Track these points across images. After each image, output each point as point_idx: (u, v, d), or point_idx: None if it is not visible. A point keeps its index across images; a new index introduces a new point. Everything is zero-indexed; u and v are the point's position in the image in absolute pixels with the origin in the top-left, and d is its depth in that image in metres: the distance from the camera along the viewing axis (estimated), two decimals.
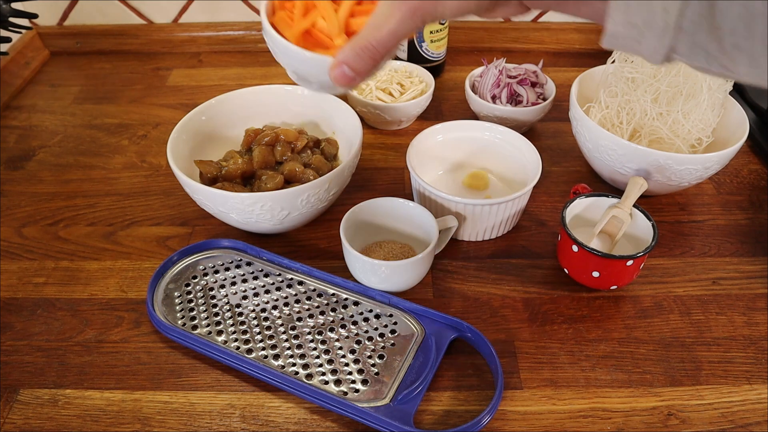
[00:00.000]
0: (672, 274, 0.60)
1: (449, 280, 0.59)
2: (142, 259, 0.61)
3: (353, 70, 0.35)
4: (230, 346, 0.51)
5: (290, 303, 0.54)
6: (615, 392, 0.49)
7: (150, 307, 0.54)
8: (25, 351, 0.53)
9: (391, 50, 0.35)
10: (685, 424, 0.47)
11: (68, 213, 0.67)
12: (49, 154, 0.76)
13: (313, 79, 0.40)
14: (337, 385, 0.48)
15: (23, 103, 0.86)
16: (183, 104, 0.85)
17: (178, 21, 0.97)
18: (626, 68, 0.66)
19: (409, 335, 0.52)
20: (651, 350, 0.53)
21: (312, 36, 0.39)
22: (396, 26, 0.33)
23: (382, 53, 0.34)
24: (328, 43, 0.38)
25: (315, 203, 0.57)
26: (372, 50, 0.34)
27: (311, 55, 0.37)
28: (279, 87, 0.70)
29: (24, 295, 0.58)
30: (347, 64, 0.35)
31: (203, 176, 0.61)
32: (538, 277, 0.59)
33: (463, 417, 0.48)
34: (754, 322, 0.55)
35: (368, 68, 0.35)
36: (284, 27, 0.40)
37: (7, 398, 0.49)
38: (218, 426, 0.47)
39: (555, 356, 0.52)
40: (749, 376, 0.51)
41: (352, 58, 0.35)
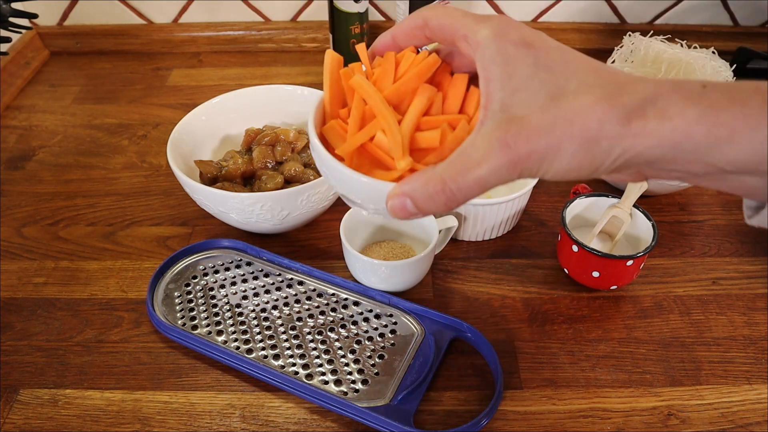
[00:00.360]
0: (672, 274, 0.60)
1: (449, 280, 0.59)
2: (142, 259, 0.61)
3: (418, 208, 0.29)
4: (230, 346, 0.51)
5: (290, 303, 0.54)
6: (615, 392, 0.49)
7: (150, 307, 0.54)
8: (25, 351, 0.53)
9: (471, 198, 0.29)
10: (685, 424, 0.47)
11: (68, 213, 0.67)
12: (49, 154, 0.76)
13: (367, 205, 0.33)
14: (337, 385, 0.48)
15: (23, 103, 0.86)
16: (183, 104, 0.85)
17: (178, 21, 0.97)
18: (626, 68, 0.66)
19: (409, 335, 0.52)
20: (651, 350, 0.53)
21: (368, 151, 0.33)
22: (487, 175, 0.27)
23: (460, 201, 0.28)
24: (388, 162, 0.32)
25: (315, 203, 0.57)
26: (449, 195, 0.28)
27: (368, 181, 0.31)
28: (279, 87, 0.70)
29: (24, 295, 0.58)
30: (413, 199, 0.29)
31: (203, 176, 0.61)
32: (538, 277, 0.59)
33: (463, 417, 0.48)
34: (754, 322, 0.55)
35: (438, 211, 0.29)
36: (336, 139, 0.33)
37: (7, 398, 0.49)
38: (218, 426, 0.47)
39: (555, 356, 0.52)
40: (749, 376, 0.51)
41: (422, 196, 0.29)
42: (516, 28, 0.29)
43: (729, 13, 0.96)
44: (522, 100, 0.27)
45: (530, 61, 0.28)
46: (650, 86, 0.26)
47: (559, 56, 0.28)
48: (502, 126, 0.27)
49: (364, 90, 0.32)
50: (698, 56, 0.64)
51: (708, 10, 0.95)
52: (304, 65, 0.94)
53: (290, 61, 0.95)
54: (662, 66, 0.63)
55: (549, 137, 0.26)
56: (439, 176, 0.28)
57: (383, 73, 0.33)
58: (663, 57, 0.64)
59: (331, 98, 0.34)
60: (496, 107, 0.28)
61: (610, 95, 0.26)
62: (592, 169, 0.27)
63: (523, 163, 0.27)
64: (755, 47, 0.85)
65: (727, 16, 0.96)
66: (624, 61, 0.67)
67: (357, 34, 0.82)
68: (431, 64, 0.33)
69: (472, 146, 0.28)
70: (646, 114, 0.26)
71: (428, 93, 0.32)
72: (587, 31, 0.97)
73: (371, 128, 0.32)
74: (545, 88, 0.27)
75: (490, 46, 0.28)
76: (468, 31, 0.29)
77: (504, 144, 0.27)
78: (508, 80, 0.27)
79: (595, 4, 0.95)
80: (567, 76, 0.27)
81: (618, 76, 0.27)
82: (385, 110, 0.31)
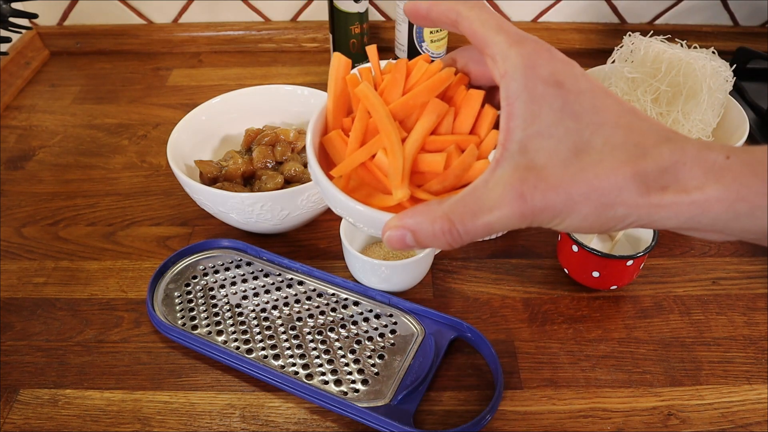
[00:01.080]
0: (672, 274, 0.60)
1: (449, 280, 0.59)
2: (142, 259, 0.61)
3: (419, 243, 0.28)
4: (230, 346, 0.51)
5: (290, 303, 0.54)
6: (615, 392, 0.49)
7: (150, 307, 0.54)
8: (25, 351, 0.53)
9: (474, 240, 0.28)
10: (685, 424, 0.47)
11: (68, 213, 0.67)
12: (49, 154, 0.76)
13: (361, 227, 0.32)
14: (337, 385, 0.48)
15: (23, 103, 0.86)
16: (183, 104, 0.85)
17: (178, 21, 0.97)
18: (626, 68, 0.66)
19: (409, 335, 0.52)
20: (651, 350, 0.53)
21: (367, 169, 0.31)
22: (496, 222, 0.26)
23: (464, 243, 0.27)
24: (386, 185, 0.30)
25: (315, 203, 0.57)
26: (455, 236, 0.27)
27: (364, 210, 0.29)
28: (279, 87, 0.70)
29: (24, 295, 0.58)
30: (415, 234, 0.28)
31: (203, 176, 0.61)
32: (538, 277, 0.59)
33: (463, 417, 0.48)
34: (754, 322, 0.55)
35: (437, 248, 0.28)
36: (335, 153, 0.32)
37: (7, 398, 0.49)
38: (218, 426, 0.47)
39: (555, 356, 0.52)
40: (749, 376, 0.51)
41: (426, 234, 0.27)
42: (548, 60, 0.27)
43: (729, 13, 0.96)
44: (544, 148, 0.26)
45: (558, 104, 0.26)
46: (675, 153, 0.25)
47: (589, 102, 0.27)
48: (519, 173, 0.26)
49: (370, 101, 0.30)
50: (698, 56, 0.63)
51: (708, 10, 0.95)
52: (304, 65, 0.94)
53: (290, 61, 0.95)
54: (662, 66, 0.63)
55: (566, 196, 0.26)
56: (446, 216, 0.27)
57: (392, 83, 0.31)
58: (663, 57, 0.64)
59: (335, 105, 0.32)
60: (515, 147, 0.26)
61: (634, 160, 0.25)
62: (602, 229, 0.27)
63: (536, 216, 0.26)
64: (755, 47, 0.85)
65: (727, 16, 0.96)
66: (624, 61, 0.67)
67: (357, 34, 0.82)
68: (444, 78, 0.31)
69: (485, 188, 0.26)
70: (666, 185, 0.25)
71: (438, 110, 0.30)
72: (587, 31, 0.97)
73: (372, 146, 0.30)
74: (570, 139, 0.26)
75: (518, 79, 0.27)
76: (498, 54, 0.28)
77: (519, 195, 0.26)
78: (532, 121, 0.26)
79: (595, 4, 0.95)
80: (593, 129, 0.26)
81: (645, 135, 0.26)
82: (389, 127, 0.29)
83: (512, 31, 0.28)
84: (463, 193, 0.27)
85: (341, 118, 0.32)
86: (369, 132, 0.31)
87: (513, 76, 0.27)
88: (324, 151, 0.32)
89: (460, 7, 0.30)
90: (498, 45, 0.28)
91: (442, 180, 0.30)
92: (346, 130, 0.32)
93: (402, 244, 0.28)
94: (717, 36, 0.96)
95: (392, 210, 0.30)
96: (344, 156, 0.31)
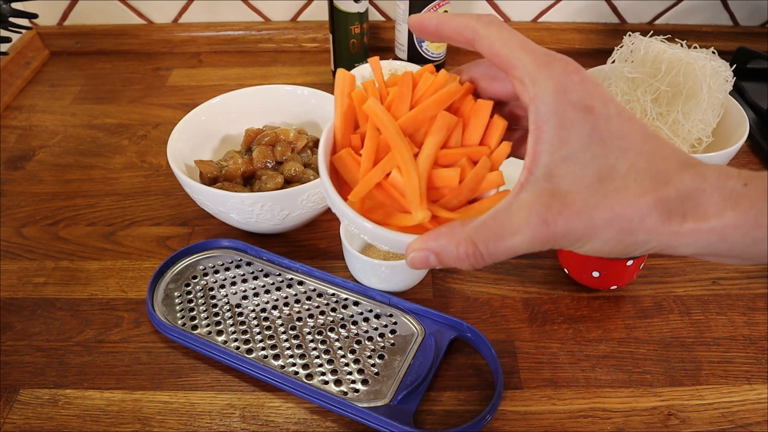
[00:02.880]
0: (672, 274, 0.60)
1: (449, 280, 0.59)
2: (142, 259, 0.61)
3: (442, 264, 0.28)
4: (230, 346, 0.51)
5: (290, 303, 0.54)
6: (615, 392, 0.49)
7: (150, 307, 0.54)
8: (25, 351, 0.53)
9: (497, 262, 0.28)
10: (685, 424, 0.47)
11: (68, 213, 0.67)
12: (49, 154, 0.76)
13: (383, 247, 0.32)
14: (337, 385, 0.48)
15: (23, 103, 0.86)
16: (183, 104, 0.85)
17: (178, 21, 0.97)
18: (626, 68, 0.66)
19: (409, 335, 0.52)
20: (651, 350, 0.53)
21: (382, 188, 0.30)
22: (519, 245, 0.27)
23: (487, 264, 0.28)
24: (402, 203, 0.30)
25: (315, 203, 0.57)
26: (478, 259, 0.27)
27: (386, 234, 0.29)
28: (279, 87, 0.70)
29: (24, 295, 0.58)
30: (438, 255, 0.28)
31: (203, 176, 0.61)
32: (538, 277, 0.59)
33: (463, 417, 0.48)
34: (754, 322, 0.55)
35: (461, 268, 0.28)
36: (347, 171, 0.31)
37: (7, 398, 0.49)
38: (218, 426, 0.47)
39: (555, 356, 0.52)
40: (749, 376, 0.51)
41: (450, 256, 0.28)
42: (579, 84, 0.27)
43: (729, 13, 0.96)
44: (569, 173, 0.26)
45: (587, 130, 0.26)
46: (696, 180, 0.26)
47: (617, 127, 0.27)
48: (544, 199, 0.26)
49: (379, 118, 0.30)
50: (698, 56, 0.63)
51: (708, 10, 0.95)
52: (304, 65, 0.94)
53: (290, 61, 0.95)
54: (662, 66, 0.63)
55: (589, 222, 0.26)
56: (470, 239, 0.27)
57: (399, 97, 0.31)
58: (663, 57, 0.64)
59: (342, 123, 0.32)
60: (540, 172, 0.27)
61: (657, 187, 0.26)
62: (623, 254, 0.27)
63: (558, 240, 0.27)
64: (755, 47, 0.85)
65: (727, 16, 0.96)
66: (624, 61, 0.67)
67: (357, 34, 0.82)
68: (452, 92, 0.31)
69: (509, 212, 0.27)
70: (686, 213, 0.26)
71: (447, 123, 0.30)
72: (587, 31, 0.97)
73: (386, 165, 0.30)
74: (596, 164, 0.26)
75: (548, 103, 0.27)
76: (526, 77, 0.27)
77: (543, 220, 0.26)
78: (560, 146, 0.26)
79: (595, 4, 0.95)
80: (619, 154, 0.26)
81: (668, 161, 0.27)
82: (401, 145, 0.29)
83: (537, 50, 0.28)
84: (486, 216, 0.27)
85: (349, 135, 0.32)
86: (380, 148, 0.31)
87: (543, 100, 0.27)
88: (334, 168, 0.32)
89: (477, 25, 0.29)
90: (525, 67, 0.28)
91: (457, 194, 0.30)
92: (355, 148, 0.32)
93: (425, 265, 0.29)
94: (717, 36, 0.96)
95: (412, 230, 0.30)
96: (356, 174, 0.31)
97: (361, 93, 0.32)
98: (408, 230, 0.30)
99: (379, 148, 0.31)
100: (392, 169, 0.30)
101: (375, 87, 0.32)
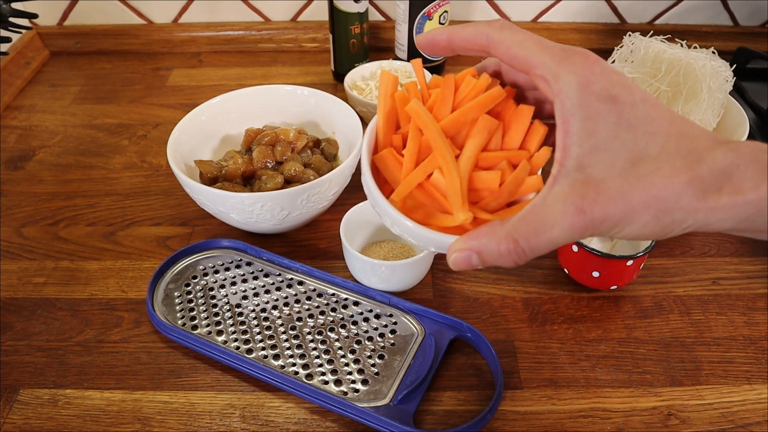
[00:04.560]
0: (672, 274, 0.60)
1: (449, 280, 0.59)
2: (142, 259, 0.61)
3: (484, 263, 0.29)
4: (230, 346, 0.51)
5: (290, 303, 0.54)
6: (615, 392, 0.49)
7: (150, 307, 0.54)
8: (25, 351, 0.53)
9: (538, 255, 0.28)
10: (685, 424, 0.47)
11: (68, 213, 0.67)
12: (49, 154, 0.76)
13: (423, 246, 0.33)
14: (337, 385, 0.48)
15: (23, 103, 0.86)
16: (183, 104, 0.85)
17: (178, 21, 0.97)
18: (626, 68, 0.66)
19: (409, 335, 0.52)
20: (651, 350, 0.53)
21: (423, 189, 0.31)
22: (559, 236, 0.27)
23: (528, 259, 0.28)
24: (445, 204, 0.31)
25: (315, 203, 0.57)
26: (520, 254, 0.28)
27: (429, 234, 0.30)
28: (279, 87, 0.70)
29: (24, 295, 0.58)
30: (481, 255, 0.28)
31: (203, 176, 0.61)
32: (538, 277, 0.59)
33: (463, 417, 0.48)
34: (754, 322, 0.55)
35: (504, 266, 0.29)
36: (388, 171, 0.32)
37: (7, 398, 0.49)
38: (218, 426, 0.47)
39: (555, 356, 0.52)
40: (749, 376, 0.51)
41: (492, 254, 0.28)
42: (601, 75, 0.27)
43: (729, 13, 0.96)
44: (600, 161, 0.27)
45: (613, 118, 0.27)
46: (730, 155, 0.26)
47: (643, 113, 0.27)
48: (578, 189, 0.26)
49: (422, 120, 0.31)
50: (698, 56, 0.64)
51: (708, 10, 0.95)
52: (304, 65, 0.94)
53: (290, 61, 0.95)
54: (662, 66, 0.63)
55: (625, 206, 0.26)
56: (510, 235, 0.27)
57: (441, 99, 0.31)
58: (663, 57, 0.64)
59: (385, 123, 0.32)
60: (572, 164, 0.27)
61: (690, 166, 0.26)
62: (661, 235, 0.27)
63: (596, 227, 0.27)
64: (755, 47, 0.85)
65: (727, 16, 0.96)
66: (624, 61, 0.67)
67: (357, 34, 0.82)
68: (495, 96, 0.31)
69: (544, 206, 0.27)
70: (721, 188, 0.26)
71: (488, 126, 0.31)
72: (587, 31, 0.97)
73: (427, 166, 0.30)
74: (626, 150, 0.26)
75: (573, 97, 0.27)
76: (548, 74, 0.28)
77: (579, 209, 0.26)
78: (588, 137, 0.27)
79: (595, 4, 0.95)
80: (648, 138, 0.27)
81: (699, 140, 0.27)
82: (443, 146, 0.30)
83: (555, 47, 0.28)
84: (524, 212, 0.28)
85: (391, 135, 0.33)
86: (422, 149, 0.31)
87: (567, 95, 0.27)
88: (375, 167, 0.33)
89: (490, 31, 0.30)
90: (545, 65, 0.28)
91: (497, 197, 0.30)
92: (396, 148, 0.32)
93: (468, 265, 0.29)
94: (717, 36, 0.96)
95: (452, 231, 0.30)
96: (397, 174, 0.31)
97: (403, 94, 0.32)
98: (449, 231, 0.31)
99: (421, 148, 0.31)
100: (434, 170, 0.30)
101: (417, 89, 0.33)
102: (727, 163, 0.26)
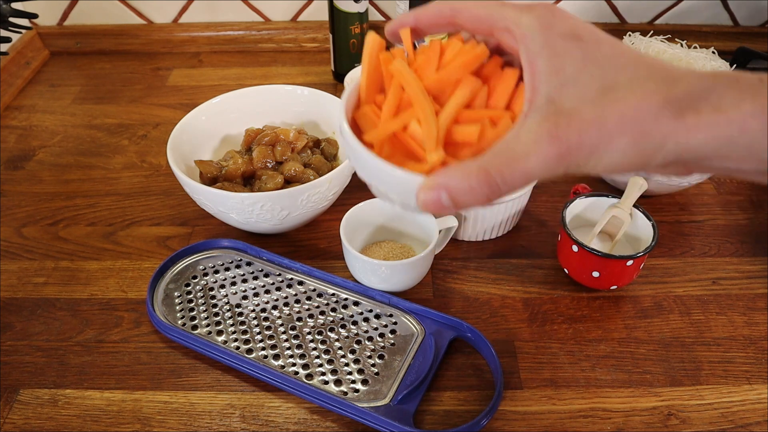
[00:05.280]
0: (672, 274, 0.60)
1: (449, 280, 0.59)
2: (142, 259, 0.61)
3: (455, 201, 0.27)
4: (230, 346, 0.51)
5: (290, 303, 0.54)
6: (615, 392, 0.49)
7: (150, 307, 0.54)
8: (25, 351, 0.53)
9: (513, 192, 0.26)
10: (685, 424, 0.47)
11: (68, 213, 0.67)
12: (49, 154, 0.76)
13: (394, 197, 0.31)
14: (337, 385, 0.48)
15: (23, 103, 0.86)
16: (183, 104, 0.85)
17: (178, 21, 0.97)
18: None
19: (409, 335, 0.52)
20: (651, 350, 0.53)
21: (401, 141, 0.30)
22: (534, 167, 0.25)
23: (503, 194, 0.26)
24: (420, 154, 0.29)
25: (315, 203, 0.57)
26: (493, 188, 0.26)
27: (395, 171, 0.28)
28: (279, 87, 0.70)
29: (24, 295, 0.58)
30: (450, 192, 0.26)
31: (203, 176, 0.61)
32: (538, 277, 0.59)
33: (463, 417, 0.48)
34: (754, 322, 0.55)
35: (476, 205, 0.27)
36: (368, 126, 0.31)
37: (7, 398, 0.49)
38: (218, 426, 0.47)
39: (555, 356, 0.52)
40: (749, 376, 0.51)
41: (461, 189, 0.26)
42: (563, 18, 0.27)
43: (729, 13, 0.96)
44: (571, 94, 0.26)
45: (579, 55, 0.26)
46: (706, 79, 0.25)
47: (609, 50, 0.27)
48: (551, 118, 0.25)
49: (404, 76, 0.30)
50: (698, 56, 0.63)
51: (708, 10, 0.95)
52: (304, 65, 0.94)
53: (290, 61, 0.95)
54: None
55: (601, 129, 0.25)
56: (482, 168, 0.26)
57: (426, 61, 0.31)
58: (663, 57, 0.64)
59: (368, 83, 0.32)
60: (542, 100, 0.26)
61: (664, 88, 0.25)
62: (641, 163, 0.26)
63: (573, 155, 0.25)
64: (755, 47, 0.85)
65: (727, 16, 0.96)
66: None
67: (357, 34, 0.82)
68: (479, 55, 0.30)
69: (517, 139, 0.26)
70: (700, 108, 0.25)
71: (472, 85, 0.30)
72: None
73: (406, 116, 0.30)
74: (596, 82, 0.26)
75: (536, 39, 0.27)
76: (510, 23, 0.28)
77: (553, 136, 0.25)
78: (556, 74, 0.26)
79: (595, 4, 0.95)
80: (618, 70, 0.26)
81: (671, 69, 0.26)
82: (423, 99, 0.29)
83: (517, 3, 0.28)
84: (496, 147, 0.26)
85: (374, 96, 0.32)
86: (402, 106, 0.30)
87: (531, 37, 0.27)
88: (356, 127, 0.32)
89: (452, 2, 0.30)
90: (507, 16, 0.28)
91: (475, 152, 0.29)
92: (379, 105, 0.31)
93: (438, 206, 0.27)
94: (717, 36, 0.96)
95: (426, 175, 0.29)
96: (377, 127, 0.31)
97: (388, 55, 0.32)
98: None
99: (401, 104, 0.30)
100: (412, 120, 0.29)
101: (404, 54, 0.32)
102: (704, 86, 0.25)
